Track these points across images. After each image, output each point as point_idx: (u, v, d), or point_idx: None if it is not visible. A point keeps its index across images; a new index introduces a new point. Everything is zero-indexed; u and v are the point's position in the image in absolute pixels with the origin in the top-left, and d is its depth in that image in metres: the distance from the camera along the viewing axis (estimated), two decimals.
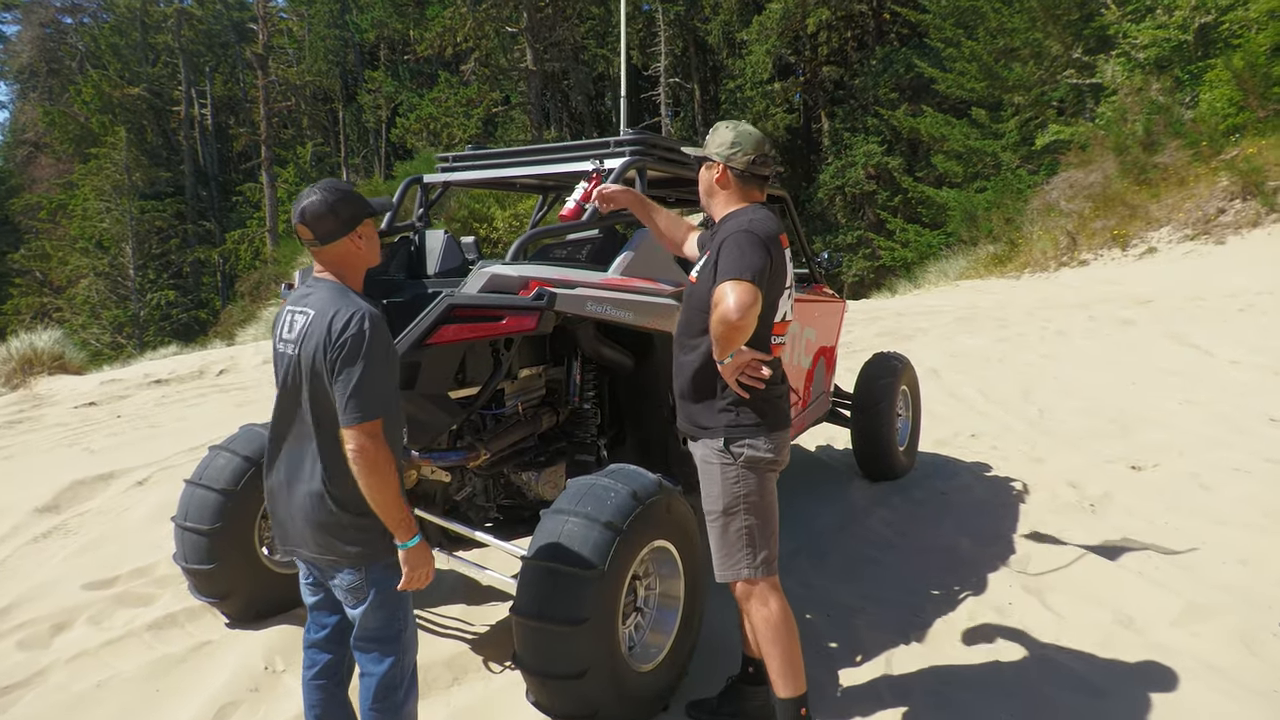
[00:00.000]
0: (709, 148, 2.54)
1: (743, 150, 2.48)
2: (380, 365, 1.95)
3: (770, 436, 2.45)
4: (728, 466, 2.44)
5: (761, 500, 2.46)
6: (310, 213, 2.02)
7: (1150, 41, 17.59)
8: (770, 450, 2.45)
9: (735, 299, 2.20)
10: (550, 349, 3.37)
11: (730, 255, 2.30)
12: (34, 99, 45.03)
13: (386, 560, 2.04)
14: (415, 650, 2.19)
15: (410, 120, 30.58)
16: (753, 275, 2.24)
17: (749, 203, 2.52)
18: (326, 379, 1.95)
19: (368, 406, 1.91)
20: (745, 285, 2.22)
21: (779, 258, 2.39)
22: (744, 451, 2.42)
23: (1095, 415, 6.53)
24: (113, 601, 3.67)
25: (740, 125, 2.52)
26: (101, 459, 6.09)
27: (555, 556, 2.48)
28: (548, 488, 3.30)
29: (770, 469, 2.48)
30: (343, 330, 1.93)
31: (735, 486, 2.43)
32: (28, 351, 11.70)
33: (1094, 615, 3.43)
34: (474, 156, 3.83)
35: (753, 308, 2.21)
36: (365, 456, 1.91)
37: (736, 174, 2.50)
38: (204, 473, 3.32)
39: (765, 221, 2.41)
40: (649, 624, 2.82)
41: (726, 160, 2.49)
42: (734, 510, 2.44)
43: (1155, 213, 15.61)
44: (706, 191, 2.57)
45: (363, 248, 2.10)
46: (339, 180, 2.10)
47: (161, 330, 32.41)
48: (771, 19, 28.27)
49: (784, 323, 2.52)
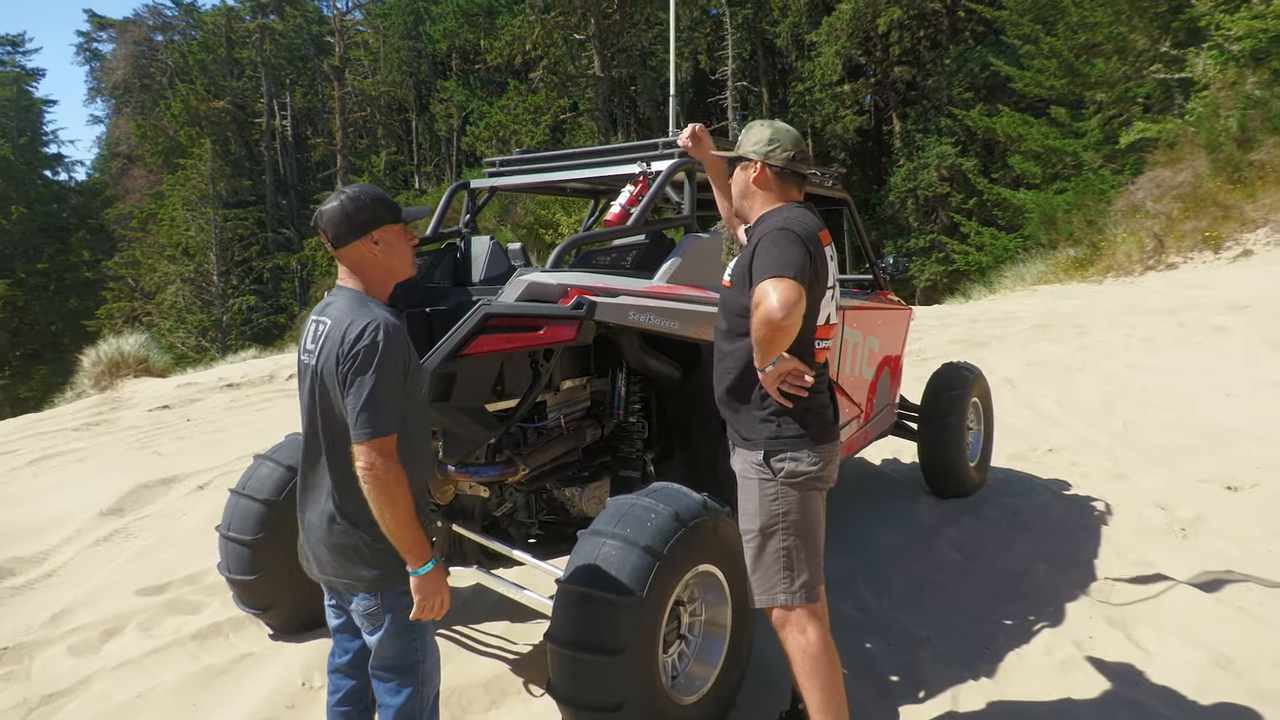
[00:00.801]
0: (744, 146, 2.42)
1: (781, 146, 2.36)
2: (393, 378, 1.85)
3: (815, 450, 2.29)
4: (766, 482, 2.29)
5: (803, 520, 2.29)
6: (325, 216, 1.96)
7: (1245, 32, 16.61)
8: (814, 465, 2.29)
9: (779, 297, 2.05)
10: (594, 359, 3.24)
11: (768, 253, 2.16)
12: (127, 114, 47.26)
13: (404, 586, 1.93)
14: (437, 681, 2.07)
15: (480, 128, 31.03)
16: (795, 272, 2.10)
17: (786, 202, 2.39)
18: (339, 392, 1.86)
19: (378, 422, 1.81)
20: (788, 282, 2.07)
21: (820, 256, 2.25)
22: (785, 465, 2.27)
23: (1186, 429, 6.10)
24: (163, 608, 3.69)
25: (776, 122, 2.42)
26: (168, 462, 6.21)
27: (591, 581, 2.34)
28: (591, 504, 3.17)
29: (814, 486, 2.31)
30: (356, 340, 1.83)
31: (774, 504, 2.28)
32: (115, 355, 12.21)
33: (1186, 654, 3.12)
34: (521, 160, 3.73)
35: (798, 305, 2.06)
36: (374, 475, 1.81)
37: (775, 171, 2.38)
38: (248, 482, 3.29)
39: (803, 218, 2.27)
40: (693, 653, 2.65)
41: (765, 158, 2.37)
42: (772, 529, 2.28)
43: (1251, 213, 14.74)
44: (742, 193, 2.45)
45: (379, 254, 1.99)
46: (371, 186, 2.01)
47: (243, 334, 33.53)
48: (841, 20, 27.80)
49: (828, 325, 2.37)
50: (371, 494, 1.83)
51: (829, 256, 2.33)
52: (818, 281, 2.25)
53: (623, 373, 3.13)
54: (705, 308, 2.94)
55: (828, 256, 2.32)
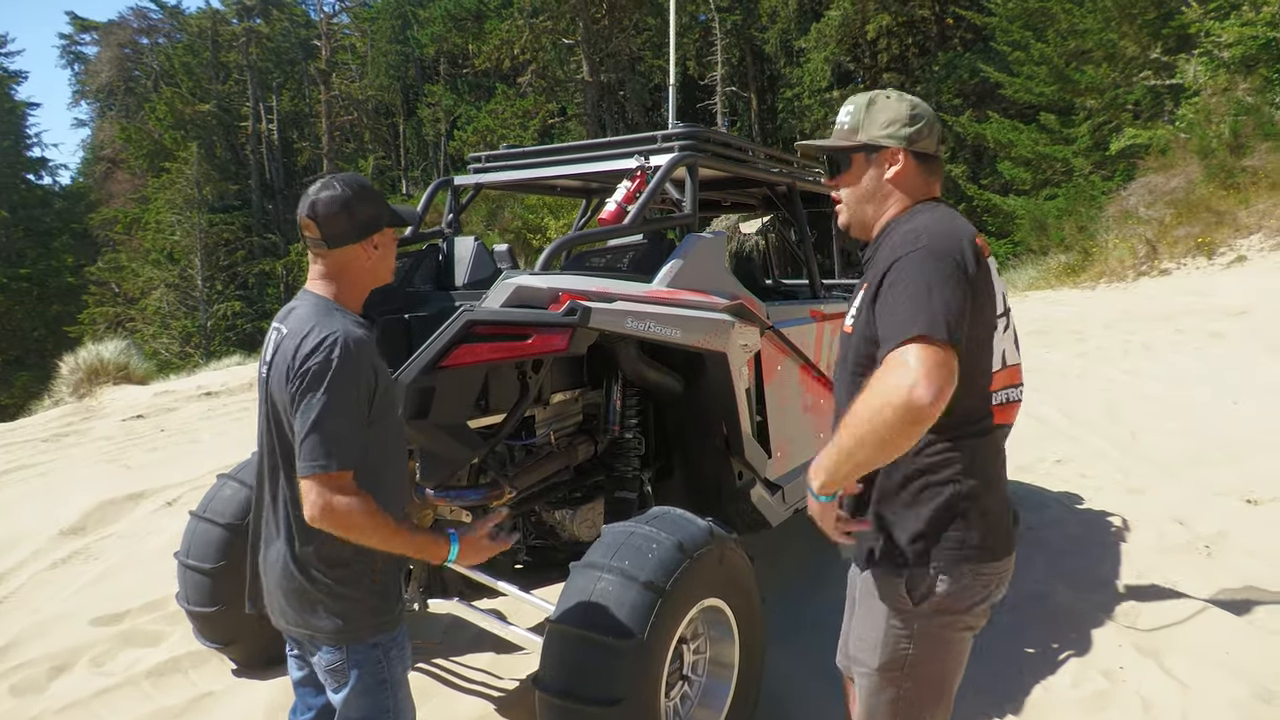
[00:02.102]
0: (873, 128, 1.66)
1: (928, 124, 1.67)
2: (351, 401, 1.59)
3: (982, 569, 1.58)
4: (903, 613, 1.62)
5: (941, 669, 1.66)
6: (323, 206, 1.68)
7: (1236, 39, 16.59)
8: (979, 595, 1.59)
9: (922, 374, 1.34)
10: (588, 370, 2.99)
11: (904, 294, 1.45)
12: (112, 117, 46.76)
13: (370, 640, 1.67)
14: None
15: (468, 133, 30.79)
16: (948, 329, 1.38)
17: (924, 200, 1.68)
18: (287, 411, 1.60)
19: (329, 453, 1.54)
20: (934, 350, 1.36)
21: (982, 277, 1.54)
22: (937, 592, 1.57)
23: (1196, 438, 5.90)
24: (118, 640, 3.41)
25: (903, 93, 1.71)
26: (137, 476, 5.92)
27: (585, 622, 2.08)
28: (584, 527, 2.93)
29: (967, 627, 1.64)
30: (310, 354, 1.58)
31: (904, 645, 1.62)
32: (94, 362, 11.87)
33: (1226, 687, 2.89)
34: (508, 156, 3.48)
35: (949, 387, 1.36)
36: (329, 518, 1.54)
37: (924, 161, 1.67)
38: (209, 504, 3.03)
39: (944, 225, 1.56)
40: (697, 696, 2.41)
41: (909, 143, 1.65)
42: (892, 672, 1.65)
43: (1245, 219, 14.65)
44: (866, 196, 1.70)
45: (374, 260, 1.76)
46: (362, 176, 1.75)
47: (227, 340, 33.11)
48: (830, 26, 27.77)
49: (1008, 370, 1.64)
50: (340, 533, 1.57)
51: (994, 270, 1.62)
52: (983, 314, 1.55)
53: (619, 385, 2.87)
54: (709, 314, 2.70)
55: (993, 271, 1.61)
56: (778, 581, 3.92)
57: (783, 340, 3.23)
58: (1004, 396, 1.63)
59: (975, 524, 1.57)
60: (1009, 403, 1.65)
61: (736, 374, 2.85)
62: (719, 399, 2.87)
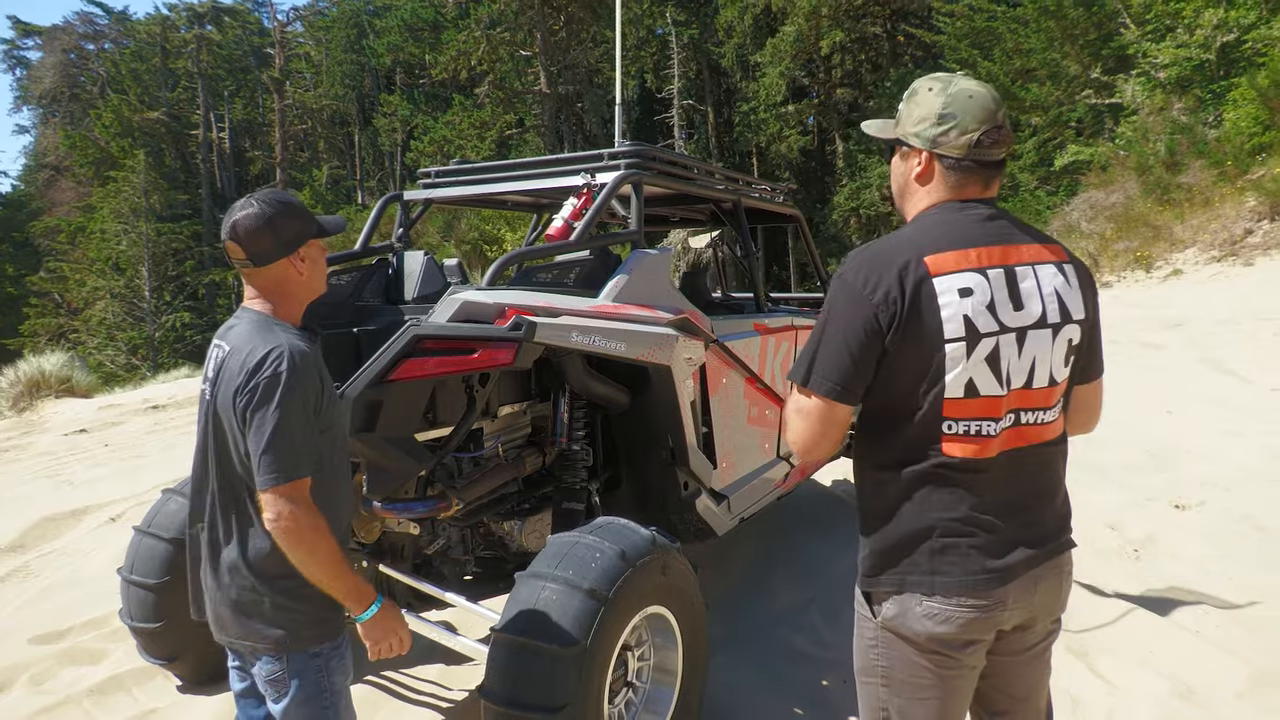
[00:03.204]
0: (906, 123, 1.60)
1: (959, 126, 1.53)
2: (302, 413, 1.62)
3: (932, 598, 1.53)
4: (865, 620, 1.67)
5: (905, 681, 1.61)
6: (244, 227, 1.69)
7: (1171, 60, 17.26)
8: (930, 619, 1.53)
9: (792, 419, 1.57)
10: (536, 383, 3.04)
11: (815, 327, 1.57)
12: (55, 124, 45.59)
13: (312, 649, 1.70)
14: None
15: (425, 143, 30.60)
16: (806, 371, 1.52)
17: (954, 201, 1.58)
18: (237, 430, 1.63)
19: (285, 465, 1.58)
20: (800, 400, 1.55)
21: (921, 305, 1.46)
22: (884, 609, 1.59)
23: (1129, 446, 6.11)
24: (60, 658, 3.36)
25: (957, 80, 1.57)
26: (80, 492, 5.80)
27: (529, 630, 2.13)
28: (532, 538, 2.96)
29: (929, 650, 1.56)
30: (256, 370, 1.60)
31: (873, 651, 1.65)
32: (35, 375, 11.54)
33: (1150, 684, 3.03)
34: (458, 171, 3.52)
35: (814, 432, 1.53)
36: (285, 526, 1.58)
37: (949, 165, 1.56)
38: (154, 519, 3.01)
39: (887, 245, 1.54)
40: (641, 702, 2.46)
41: (932, 145, 1.56)
42: (867, 679, 1.68)
43: (1180, 234, 15.19)
44: (898, 190, 1.68)
45: (305, 273, 1.77)
46: (281, 191, 1.77)
47: (176, 352, 32.39)
48: (785, 42, 28.19)
49: (982, 400, 1.49)
50: (287, 547, 1.60)
51: (953, 292, 1.47)
52: (914, 344, 1.47)
53: (566, 398, 2.93)
54: (653, 328, 2.77)
55: (940, 295, 1.46)
56: (724, 591, 3.99)
57: (727, 353, 3.31)
58: (966, 427, 1.48)
59: (940, 550, 1.52)
60: (972, 435, 1.49)
61: (681, 387, 2.92)
62: (664, 411, 2.94)
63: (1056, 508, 1.64)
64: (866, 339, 1.47)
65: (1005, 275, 1.49)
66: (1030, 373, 1.51)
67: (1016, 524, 1.54)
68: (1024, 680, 1.70)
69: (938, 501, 1.51)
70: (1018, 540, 1.53)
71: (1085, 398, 1.72)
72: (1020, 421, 1.53)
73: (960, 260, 1.48)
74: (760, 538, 4.66)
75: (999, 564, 1.51)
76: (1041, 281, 1.52)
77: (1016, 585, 1.52)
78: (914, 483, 1.52)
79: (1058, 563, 1.63)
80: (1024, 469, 1.55)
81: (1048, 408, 1.55)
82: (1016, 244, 1.53)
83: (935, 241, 1.50)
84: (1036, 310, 1.50)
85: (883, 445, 1.56)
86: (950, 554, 1.51)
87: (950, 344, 1.46)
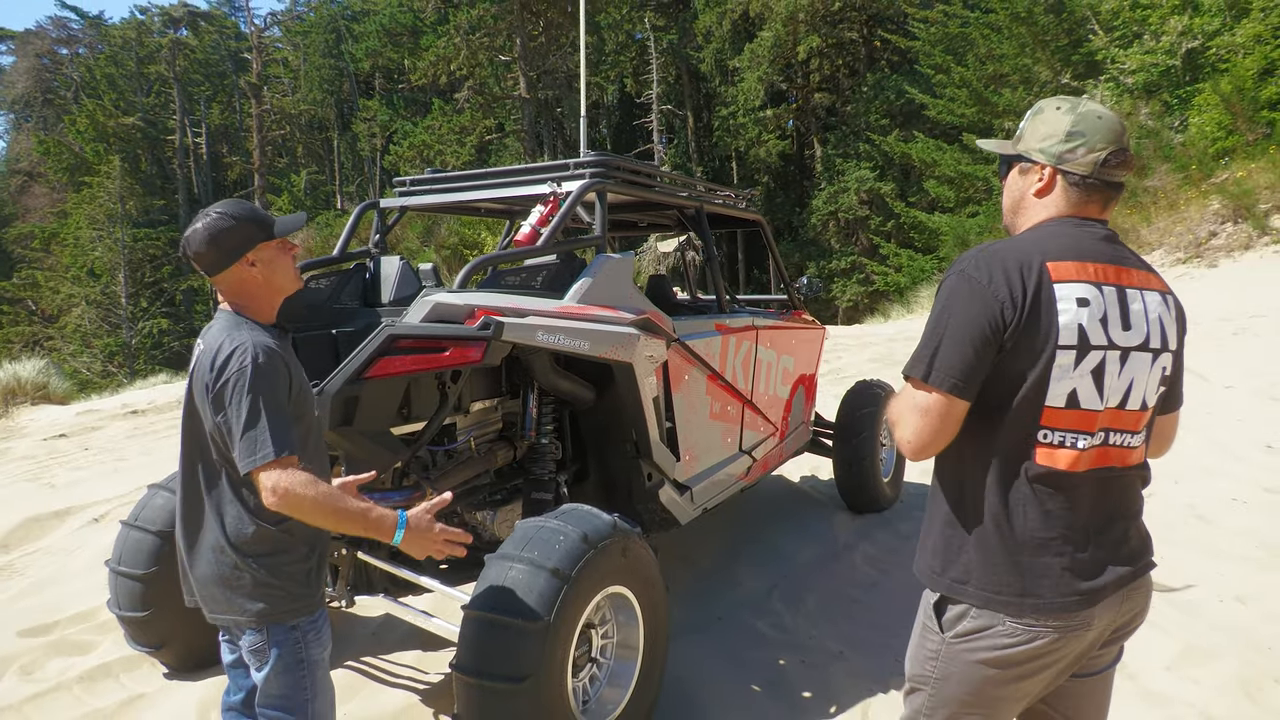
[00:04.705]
0: (1030, 139, 1.63)
1: (1087, 144, 1.56)
2: (274, 401, 1.76)
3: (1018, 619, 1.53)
4: (930, 633, 1.66)
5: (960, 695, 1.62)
6: (192, 243, 1.84)
7: (1138, 67, 17.66)
8: (1007, 641, 1.53)
9: (896, 415, 1.60)
10: (506, 380, 3.21)
11: (928, 322, 1.57)
12: (28, 129, 45.16)
13: (290, 622, 1.86)
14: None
15: (404, 148, 30.60)
16: (926, 368, 1.52)
17: (1053, 218, 1.62)
18: (210, 421, 1.79)
19: (268, 442, 1.71)
20: (911, 397, 1.56)
21: (1040, 306, 1.48)
22: (960, 624, 1.58)
23: None
24: (48, 649, 3.47)
25: (1083, 103, 1.60)
26: (61, 494, 5.88)
27: (496, 607, 2.29)
28: (504, 528, 3.13)
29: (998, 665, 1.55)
30: (223, 367, 1.76)
31: (930, 663, 1.65)
32: (11, 382, 11.54)
33: None
34: (432, 180, 3.68)
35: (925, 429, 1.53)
36: (283, 499, 1.71)
37: (1074, 183, 1.59)
38: (140, 513, 3.14)
39: (1007, 246, 1.56)
40: (605, 678, 2.62)
41: (1058, 161, 1.59)
42: (919, 684, 1.69)
43: (1147, 236, 15.55)
44: (1012, 205, 1.69)
45: (259, 275, 1.88)
46: (235, 202, 1.90)
47: (153, 359, 32.19)
48: (763, 47, 28.45)
49: (1080, 413, 1.50)
50: (296, 513, 1.74)
51: (1071, 300, 1.49)
52: (1030, 343, 1.48)
53: (535, 394, 3.10)
54: (615, 328, 2.94)
55: (1059, 302, 1.48)
56: (691, 578, 4.17)
57: (689, 352, 3.49)
58: (1061, 438, 1.50)
59: (1030, 567, 1.51)
60: (1066, 447, 1.50)
61: (644, 383, 3.09)
62: (628, 406, 3.11)
63: (1140, 528, 1.65)
64: (990, 334, 1.48)
65: (1118, 294, 1.52)
66: (1126, 393, 1.53)
67: (1106, 544, 1.55)
68: (1091, 704, 1.70)
69: (1032, 517, 1.51)
70: (1107, 560, 1.54)
71: (1164, 427, 1.75)
72: (1109, 441, 1.54)
73: (1079, 271, 1.51)
74: (726, 529, 4.84)
75: (1090, 585, 1.51)
76: (1149, 307, 1.55)
77: (1102, 606, 1.53)
78: (1006, 490, 1.53)
79: (1143, 583, 1.63)
80: (1111, 490, 1.57)
81: (1135, 431, 1.57)
82: (1129, 267, 1.57)
83: (1056, 250, 1.52)
84: (1142, 333, 1.53)
85: (975, 446, 1.56)
86: (1046, 577, 1.50)
87: (1062, 350, 1.48)
